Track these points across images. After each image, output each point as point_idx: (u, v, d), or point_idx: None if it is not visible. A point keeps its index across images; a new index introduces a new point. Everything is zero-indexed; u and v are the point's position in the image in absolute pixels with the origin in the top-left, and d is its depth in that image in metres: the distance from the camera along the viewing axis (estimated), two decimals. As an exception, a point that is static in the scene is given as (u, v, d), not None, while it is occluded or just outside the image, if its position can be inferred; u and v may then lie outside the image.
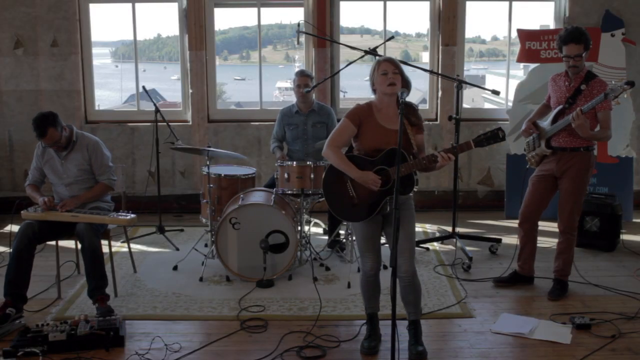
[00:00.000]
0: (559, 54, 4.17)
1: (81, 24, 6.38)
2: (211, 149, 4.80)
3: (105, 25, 10.66)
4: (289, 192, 4.70)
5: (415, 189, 3.35)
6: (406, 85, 3.33)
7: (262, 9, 6.51)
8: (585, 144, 4.12)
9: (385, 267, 4.45)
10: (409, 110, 3.32)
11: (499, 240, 5.25)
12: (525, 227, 4.40)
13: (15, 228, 4.24)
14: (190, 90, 6.44)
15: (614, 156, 6.15)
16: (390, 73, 3.27)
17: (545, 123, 4.24)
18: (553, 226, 4.40)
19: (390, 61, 3.32)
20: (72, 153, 4.24)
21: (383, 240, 3.57)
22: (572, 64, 4.07)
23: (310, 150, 5.24)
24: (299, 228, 4.77)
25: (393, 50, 8.44)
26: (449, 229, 5.37)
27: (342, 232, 5.22)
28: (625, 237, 5.49)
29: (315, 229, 5.88)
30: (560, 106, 4.12)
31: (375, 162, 3.32)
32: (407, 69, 3.52)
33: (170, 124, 5.61)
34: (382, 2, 6.48)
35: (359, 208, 3.37)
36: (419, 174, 3.50)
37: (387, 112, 3.34)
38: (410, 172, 3.25)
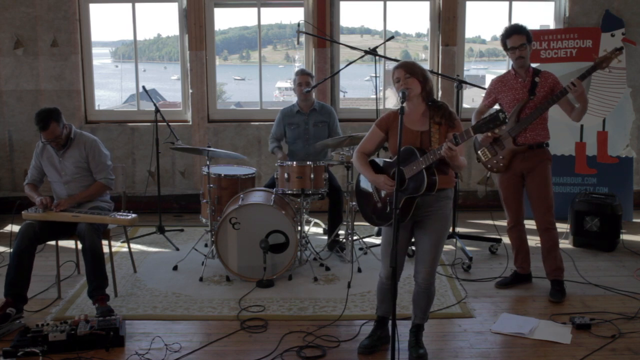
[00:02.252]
0: (506, 52, 4.28)
1: (81, 24, 6.38)
2: (211, 149, 4.80)
3: (105, 25, 10.67)
4: (289, 192, 4.70)
5: (423, 190, 3.16)
6: (425, 84, 3.26)
7: (262, 9, 6.52)
8: (546, 138, 4.24)
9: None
10: (433, 110, 3.29)
11: (499, 240, 5.25)
12: (514, 230, 4.45)
13: (15, 228, 4.25)
14: (190, 90, 6.44)
15: (614, 156, 6.16)
16: (402, 79, 3.23)
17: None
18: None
19: (401, 67, 3.26)
20: (70, 150, 4.25)
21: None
22: (518, 54, 4.15)
23: (310, 150, 5.24)
24: (299, 228, 4.77)
25: (393, 50, 8.44)
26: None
27: (342, 232, 5.22)
28: (625, 237, 5.49)
29: (315, 229, 5.89)
30: (522, 101, 4.18)
31: (392, 163, 3.31)
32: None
33: (170, 124, 5.61)
34: (382, 2, 6.48)
35: (383, 212, 3.36)
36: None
37: (414, 114, 3.29)
38: (421, 169, 3.14)
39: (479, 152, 4.43)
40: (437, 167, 3.18)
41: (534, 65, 4.36)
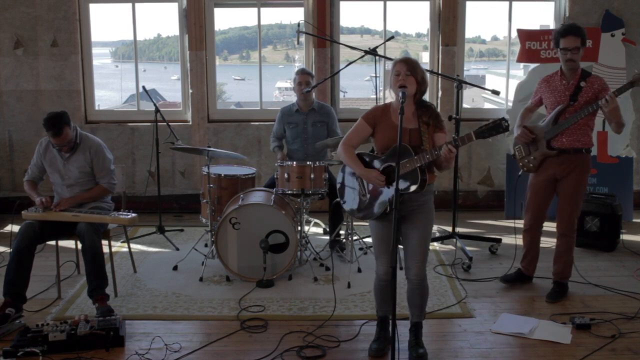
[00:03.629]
0: (556, 50, 4.14)
1: (81, 24, 6.38)
2: (211, 149, 4.79)
3: (105, 25, 10.66)
4: (289, 192, 4.70)
5: (415, 187, 3.20)
6: (421, 85, 3.28)
7: (262, 9, 6.52)
8: (587, 144, 4.12)
9: (401, 268, 4.45)
10: (422, 111, 3.31)
11: (499, 240, 5.25)
12: (532, 233, 4.39)
13: (15, 228, 4.25)
14: (190, 90, 6.44)
15: (614, 156, 6.16)
16: (402, 74, 3.23)
17: (543, 124, 4.20)
18: (553, 226, 4.39)
19: (405, 62, 3.27)
20: (75, 155, 4.23)
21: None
22: (570, 57, 4.02)
23: (310, 150, 5.23)
24: (299, 228, 4.77)
25: (393, 50, 8.44)
26: (449, 229, 5.38)
27: (342, 232, 5.22)
28: (625, 237, 5.49)
29: (315, 229, 5.88)
30: (561, 105, 4.09)
31: (382, 159, 3.33)
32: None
33: (170, 124, 5.61)
34: (382, 2, 6.48)
35: (369, 206, 3.38)
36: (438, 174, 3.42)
37: (405, 112, 3.29)
38: (415, 167, 3.18)
39: (515, 148, 4.38)
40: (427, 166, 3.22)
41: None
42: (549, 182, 4.22)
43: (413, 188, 3.19)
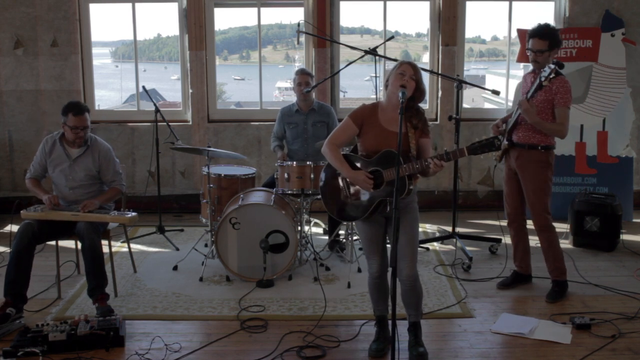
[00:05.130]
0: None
1: (81, 24, 6.38)
2: (211, 149, 4.79)
3: (105, 25, 10.66)
4: (289, 192, 4.70)
5: (402, 195, 3.20)
6: (420, 93, 3.28)
7: (262, 9, 6.51)
8: (543, 142, 4.14)
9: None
10: (412, 113, 3.30)
11: (499, 240, 5.24)
12: (514, 226, 4.44)
13: (15, 228, 4.24)
14: (190, 90, 6.44)
15: (614, 156, 6.16)
16: (407, 76, 3.22)
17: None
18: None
19: (413, 66, 3.27)
20: (83, 157, 4.24)
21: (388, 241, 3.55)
22: (533, 58, 4.13)
23: (310, 150, 5.23)
24: (299, 228, 4.77)
25: (393, 50, 8.44)
26: (449, 229, 5.37)
27: (342, 232, 5.22)
28: (625, 237, 5.49)
29: (315, 229, 5.88)
30: (521, 99, 4.16)
31: (370, 163, 3.32)
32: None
33: (170, 124, 5.61)
34: (382, 2, 6.48)
35: (351, 207, 3.39)
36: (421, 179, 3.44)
37: (392, 114, 3.28)
38: (404, 175, 3.18)
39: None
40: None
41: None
42: (512, 174, 4.34)
43: (400, 196, 3.19)
